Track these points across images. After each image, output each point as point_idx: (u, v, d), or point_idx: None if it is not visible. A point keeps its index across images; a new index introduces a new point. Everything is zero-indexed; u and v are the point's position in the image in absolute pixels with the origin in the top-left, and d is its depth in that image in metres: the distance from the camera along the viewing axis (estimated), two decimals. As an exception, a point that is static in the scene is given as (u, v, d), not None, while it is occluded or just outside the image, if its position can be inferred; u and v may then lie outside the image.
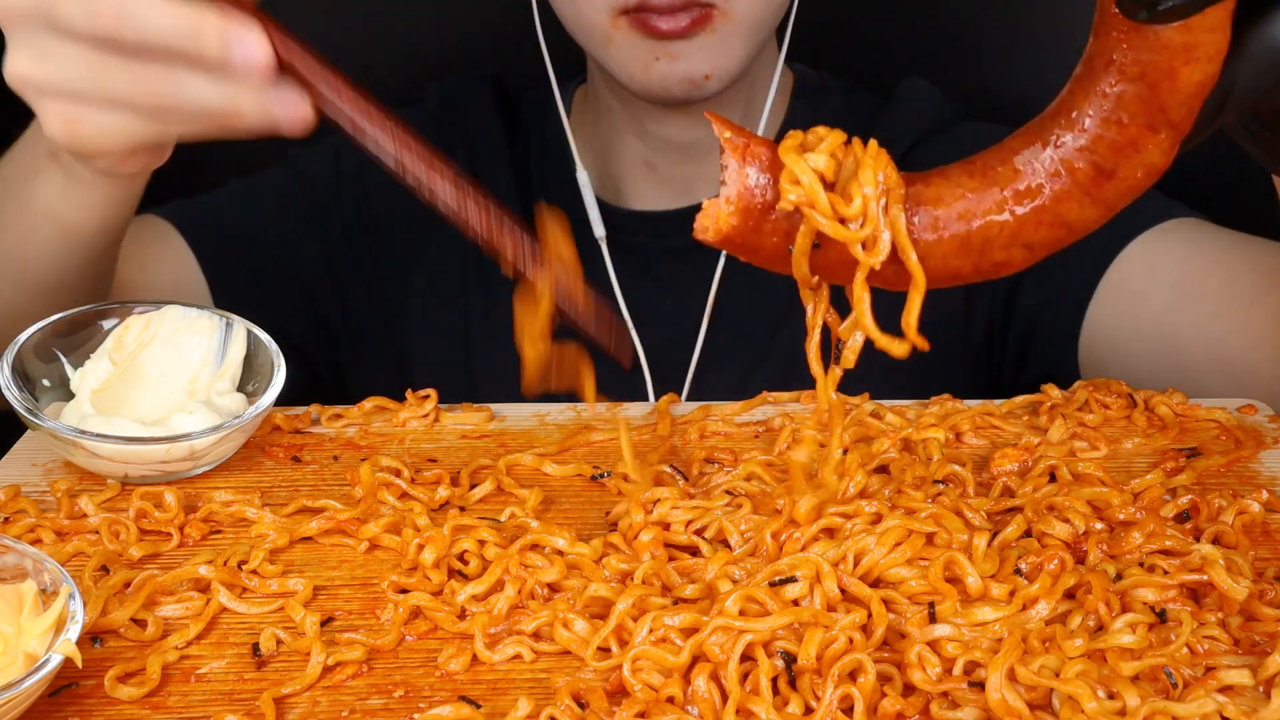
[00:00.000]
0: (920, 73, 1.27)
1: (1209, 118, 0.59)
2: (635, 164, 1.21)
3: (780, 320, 1.19)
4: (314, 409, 0.91)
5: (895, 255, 0.61)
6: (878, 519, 0.72)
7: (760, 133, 1.17)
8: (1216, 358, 1.00)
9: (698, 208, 1.24)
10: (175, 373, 0.86)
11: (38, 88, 0.71)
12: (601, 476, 0.79)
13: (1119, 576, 0.69)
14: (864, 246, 0.61)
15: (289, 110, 0.69)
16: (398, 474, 0.82)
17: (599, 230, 1.18)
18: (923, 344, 0.62)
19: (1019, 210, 0.60)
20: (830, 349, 0.67)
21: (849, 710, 0.61)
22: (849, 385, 0.93)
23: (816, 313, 0.66)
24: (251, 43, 0.66)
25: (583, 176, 1.18)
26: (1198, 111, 0.58)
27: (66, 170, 0.83)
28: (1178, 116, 0.58)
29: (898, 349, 0.62)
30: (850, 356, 0.64)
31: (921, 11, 1.41)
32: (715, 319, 1.17)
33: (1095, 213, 0.60)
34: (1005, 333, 1.17)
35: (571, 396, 0.97)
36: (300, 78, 0.68)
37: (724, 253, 1.15)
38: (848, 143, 0.62)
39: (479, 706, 0.63)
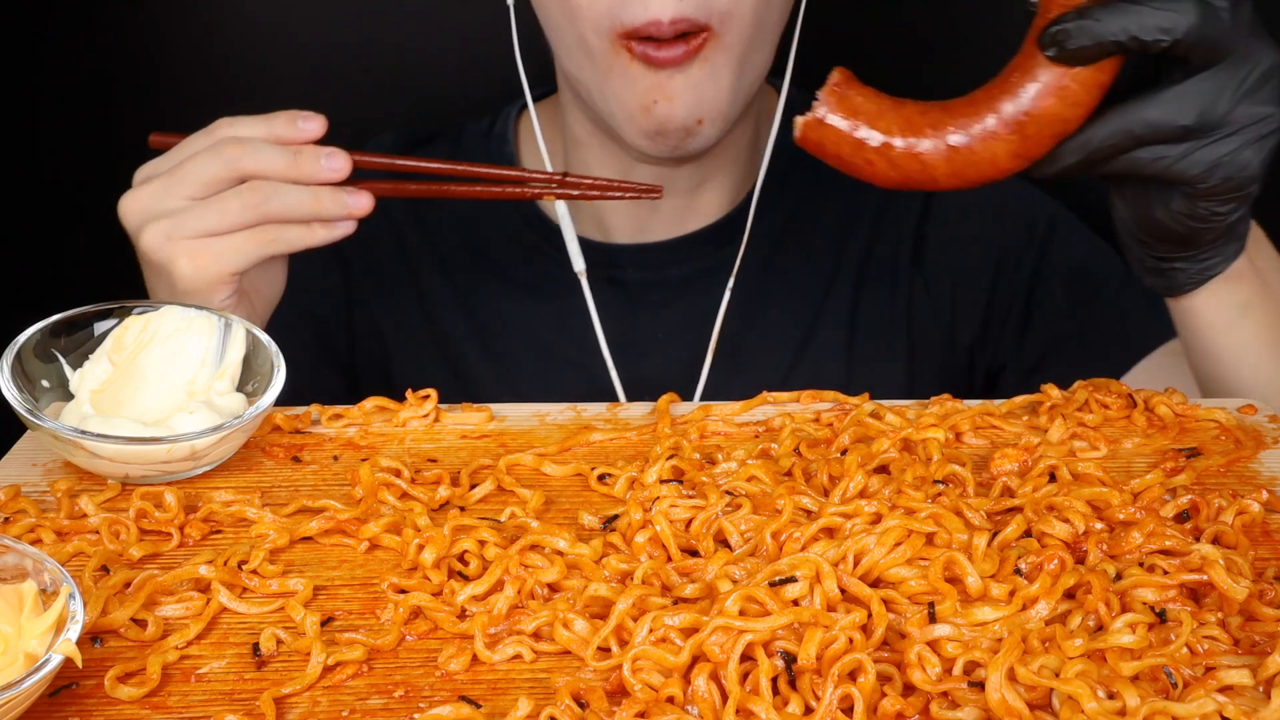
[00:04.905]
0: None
1: (1057, 155, 0.81)
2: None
3: (797, 352, 1.19)
4: (314, 409, 0.91)
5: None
6: (878, 519, 0.72)
7: (764, 163, 1.18)
8: None
9: (691, 238, 1.24)
10: (174, 373, 0.86)
11: (169, 237, 0.93)
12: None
13: (1119, 576, 0.69)
14: None
15: (359, 200, 0.95)
16: (398, 474, 0.82)
17: (579, 264, 1.15)
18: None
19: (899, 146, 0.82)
20: None
21: (849, 710, 0.61)
22: (852, 386, 0.93)
23: None
24: (338, 157, 0.94)
25: (562, 208, 1.15)
26: (1050, 142, 0.80)
27: None
28: (1033, 132, 0.79)
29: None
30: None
31: (915, 43, 1.41)
32: (719, 354, 1.17)
33: (946, 169, 0.81)
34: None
35: (569, 396, 0.97)
36: (357, 182, 0.96)
37: (731, 283, 1.15)
38: None
39: (479, 706, 0.64)
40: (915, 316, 1.21)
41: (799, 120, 0.82)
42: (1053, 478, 0.79)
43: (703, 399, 1.15)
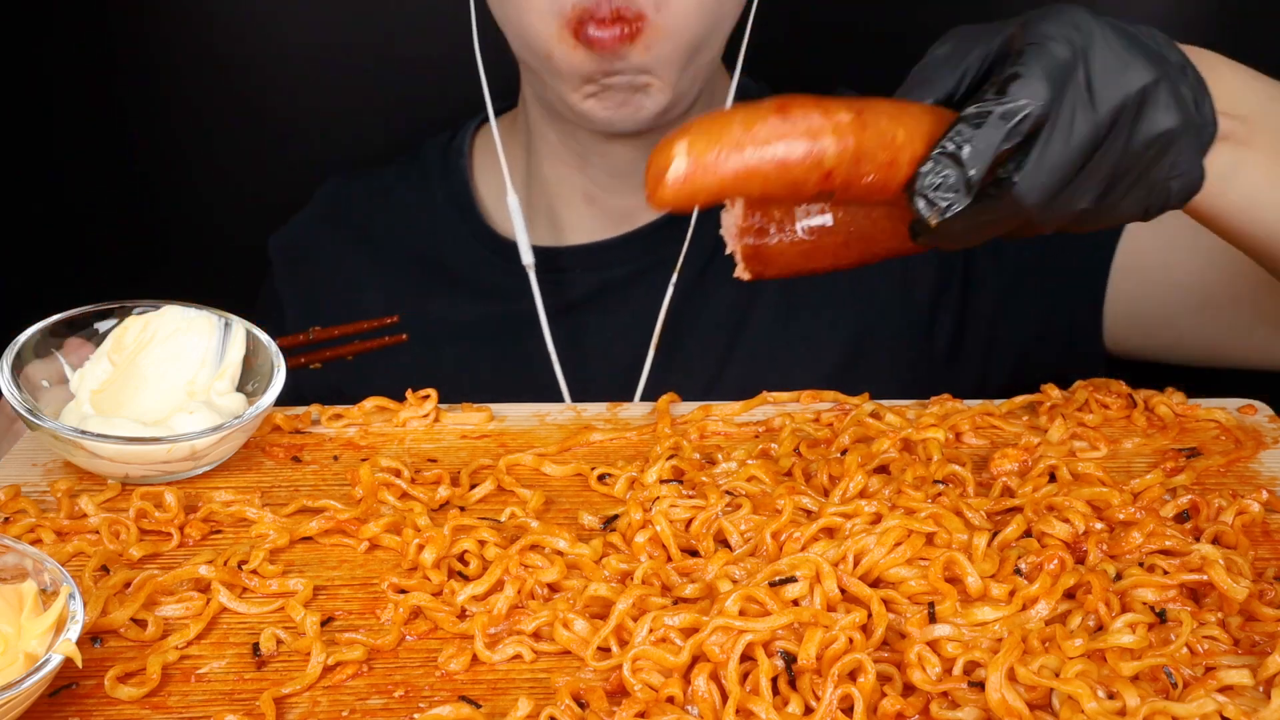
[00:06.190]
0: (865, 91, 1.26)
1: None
2: (573, 197, 1.19)
3: (730, 346, 1.18)
4: (314, 409, 0.91)
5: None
6: (878, 519, 0.72)
7: None
8: (1255, 300, 1.01)
9: (636, 235, 1.22)
10: (174, 373, 0.86)
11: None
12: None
13: (1119, 576, 0.69)
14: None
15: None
16: (398, 474, 0.82)
17: (527, 258, 1.15)
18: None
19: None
20: None
21: (849, 710, 0.61)
22: (792, 358, 0.92)
23: None
24: None
25: (513, 201, 1.15)
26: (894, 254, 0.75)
27: None
28: (881, 253, 0.75)
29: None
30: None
31: (864, 35, 1.40)
32: (662, 349, 1.15)
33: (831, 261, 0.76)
34: (992, 346, 1.18)
35: (513, 398, 0.97)
36: None
37: (673, 280, 1.14)
38: None
39: (479, 706, 0.64)
40: (862, 279, 1.13)
41: (739, 273, 0.76)
42: (1053, 478, 0.79)
43: (643, 398, 1.14)
